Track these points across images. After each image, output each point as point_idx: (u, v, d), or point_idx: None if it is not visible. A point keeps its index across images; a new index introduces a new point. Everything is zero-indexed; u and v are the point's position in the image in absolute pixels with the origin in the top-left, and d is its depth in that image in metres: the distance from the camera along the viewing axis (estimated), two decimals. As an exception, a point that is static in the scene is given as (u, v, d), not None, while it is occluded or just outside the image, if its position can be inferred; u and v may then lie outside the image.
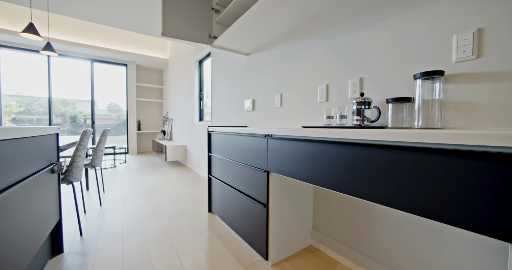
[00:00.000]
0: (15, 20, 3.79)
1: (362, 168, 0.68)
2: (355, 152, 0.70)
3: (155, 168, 3.77)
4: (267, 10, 1.30)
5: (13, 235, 0.76)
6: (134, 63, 5.31)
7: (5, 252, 0.71)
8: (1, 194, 0.69)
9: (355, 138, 0.69)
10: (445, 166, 0.50)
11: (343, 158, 0.74)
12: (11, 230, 0.75)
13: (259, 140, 1.20)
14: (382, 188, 0.63)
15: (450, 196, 0.50)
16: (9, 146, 0.76)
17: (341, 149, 0.75)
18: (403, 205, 0.58)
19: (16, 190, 0.79)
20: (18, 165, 0.82)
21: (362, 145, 0.68)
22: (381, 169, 0.63)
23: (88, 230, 1.58)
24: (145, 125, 5.73)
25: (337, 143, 0.77)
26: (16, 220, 0.78)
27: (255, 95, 2.02)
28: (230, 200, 1.56)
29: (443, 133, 0.49)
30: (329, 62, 1.30)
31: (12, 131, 0.75)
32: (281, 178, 1.23)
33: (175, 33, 1.67)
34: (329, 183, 0.80)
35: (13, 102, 4.50)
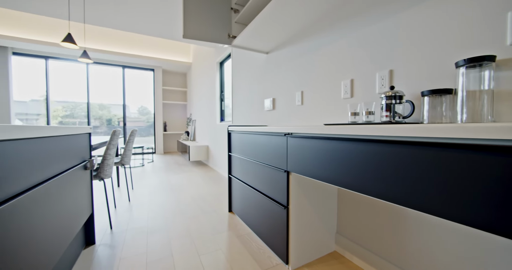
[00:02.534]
0: (60, 34, 4.25)
1: (394, 169, 0.61)
2: (386, 151, 0.63)
3: (179, 167, 3.92)
4: (285, 6, 1.26)
5: (49, 225, 0.82)
6: (160, 68, 5.61)
7: (42, 241, 0.76)
8: (39, 186, 0.75)
9: (387, 134, 0.62)
10: (505, 166, 0.42)
11: (372, 157, 0.67)
12: (48, 220, 0.81)
13: (279, 139, 1.16)
14: (419, 192, 0.55)
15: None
16: (47, 143, 0.82)
17: (368, 147, 0.68)
18: (447, 213, 0.50)
19: (53, 184, 0.86)
20: (55, 161, 0.89)
21: (395, 143, 0.61)
22: (419, 171, 0.55)
23: (118, 224, 1.68)
24: (170, 127, 6.01)
25: (364, 141, 0.70)
26: (52, 211, 0.85)
27: (275, 94, 1.98)
28: (249, 200, 1.54)
29: (505, 126, 0.41)
30: (353, 55, 1.21)
31: (49, 129, 0.82)
32: (302, 179, 1.17)
33: (196, 35, 1.70)
34: (355, 185, 0.73)
35: (59, 107, 5.04)
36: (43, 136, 0.78)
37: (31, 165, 0.72)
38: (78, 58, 2.31)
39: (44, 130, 0.78)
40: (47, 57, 4.59)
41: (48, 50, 4.35)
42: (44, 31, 4.14)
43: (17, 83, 4.40)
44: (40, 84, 4.66)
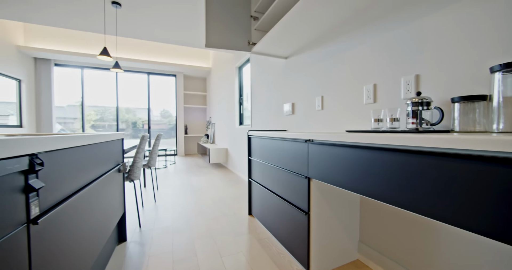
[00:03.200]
0: (94, 46, 4.64)
1: (422, 180, 0.59)
2: (412, 161, 0.62)
3: (199, 169, 4.05)
4: (305, 12, 1.28)
5: (92, 223, 0.91)
6: (182, 74, 5.86)
7: (87, 237, 0.86)
8: (85, 188, 0.85)
9: (413, 145, 0.61)
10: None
11: (397, 167, 0.66)
12: (91, 219, 0.90)
13: (299, 145, 1.17)
14: (450, 205, 0.53)
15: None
16: (90, 150, 0.92)
17: (393, 157, 0.67)
18: (484, 230, 0.48)
19: (94, 186, 0.96)
20: (96, 165, 0.99)
21: (422, 153, 0.60)
22: (450, 183, 0.54)
23: (145, 223, 1.79)
24: (191, 129, 6.24)
25: (389, 150, 0.69)
26: (93, 211, 0.94)
27: (294, 99, 1.99)
28: (269, 205, 1.56)
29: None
30: (376, 59, 1.19)
31: (94, 138, 0.91)
32: (323, 185, 1.17)
33: (217, 43, 1.78)
34: (378, 194, 0.72)
35: (92, 112, 5.49)
36: (89, 143, 0.88)
37: (79, 169, 0.82)
38: (111, 69, 2.54)
39: (90, 138, 0.88)
40: (83, 67, 5.04)
41: (84, 60, 4.77)
42: (80, 44, 4.56)
43: (57, 90, 4.88)
44: (76, 91, 5.12)
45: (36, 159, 0.54)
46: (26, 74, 4.33)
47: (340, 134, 0.87)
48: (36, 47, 4.23)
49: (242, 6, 1.88)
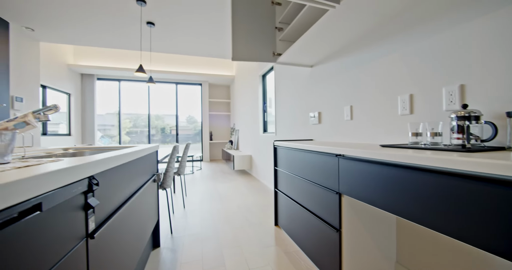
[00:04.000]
0: (129, 61, 5.09)
1: (473, 208, 0.54)
2: (461, 186, 0.57)
3: (224, 176, 4.14)
4: (334, 22, 1.26)
5: (133, 232, 0.99)
6: (207, 82, 6.12)
7: (129, 245, 0.93)
8: (128, 201, 0.92)
9: (465, 169, 0.56)
10: None
11: (441, 190, 0.61)
12: (133, 229, 0.98)
13: (329, 159, 1.14)
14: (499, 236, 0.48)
15: None
16: (133, 164, 1.01)
17: (438, 179, 0.62)
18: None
19: (136, 197, 1.04)
20: (136, 178, 1.07)
21: (475, 179, 0.54)
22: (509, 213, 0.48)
23: (176, 229, 1.88)
24: (215, 136, 6.44)
25: (432, 172, 0.64)
26: (135, 221, 1.02)
27: (320, 107, 1.95)
28: (297, 217, 1.53)
29: None
30: (412, 68, 1.12)
31: (135, 153, 1.00)
32: (356, 202, 1.12)
33: (244, 56, 1.83)
34: (417, 217, 0.67)
35: (127, 120, 5.98)
36: (133, 159, 0.96)
37: (124, 183, 0.89)
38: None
39: (134, 154, 0.96)
40: (120, 80, 5.54)
41: (121, 74, 5.25)
42: (118, 59, 5.04)
43: (98, 101, 5.42)
44: (113, 101, 5.64)
45: (93, 180, 0.61)
46: (74, 88, 4.89)
47: (375, 150, 0.83)
48: (82, 65, 4.77)
49: (267, 18, 1.91)
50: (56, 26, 2.55)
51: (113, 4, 2.13)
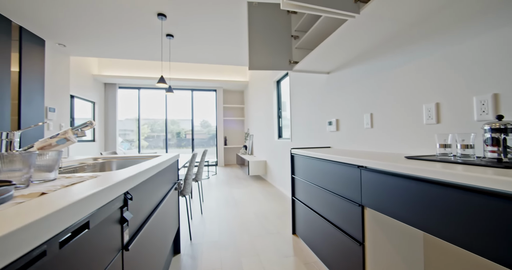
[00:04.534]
0: (149, 70, 5.34)
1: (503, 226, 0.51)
2: (499, 206, 0.53)
3: (239, 181, 4.17)
4: (353, 31, 1.25)
5: (159, 240, 1.03)
6: (221, 88, 6.24)
7: (155, 253, 0.97)
8: (155, 212, 0.96)
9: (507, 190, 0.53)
10: None
11: (476, 209, 0.58)
12: (158, 237, 1.02)
13: (351, 170, 1.12)
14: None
15: None
16: (158, 175, 1.05)
17: (472, 197, 0.59)
18: None
19: (161, 207, 1.08)
20: (161, 188, 1.12)
21: None
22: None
23: (195, 235, 1.92)
24: (230, 141, 6.51)
25: (464, 189, 0.61)
26: (160, 229, 1.06)
27: (338, 115, 1.92)
28: (316, 227, 1.50)
29: None
30: (439, 75, 1.08)
31: (161, 165, 1.04)
32: (380, 215, 1.08)
33: (260, 65, 1.86)
34: (447, 235, 0.64)
35: (145, 126, 6.24)
36: (159, 170, 1.01)
37: (151, 194, 0.94)
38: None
39: (160, 166, 1.00)
40: (139, 88, 5.81)
41: (140, 82, 5.51)
42: (138, 69, 5.30)
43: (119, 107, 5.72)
44: (133, 108, 5.91)
45: (127, 194, 0.65)
46: (98, 97, 5.20)
47: (399, 161, 0.81)
48: (106, 75, 5.07)
49: (283, 27, 1.93)
50: (85, 41, 2.75)
51: (136, 19, 2.26)
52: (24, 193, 0.45)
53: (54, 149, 0.80)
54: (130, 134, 6.16)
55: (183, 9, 2.11)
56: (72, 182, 0.56)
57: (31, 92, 2.46)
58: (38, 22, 2.27)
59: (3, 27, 2.12)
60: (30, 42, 2.45)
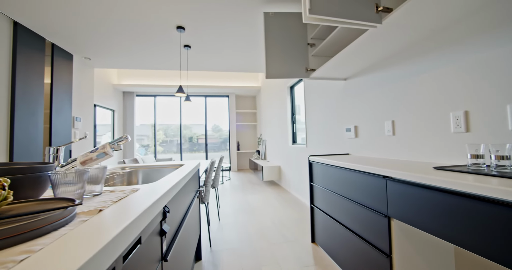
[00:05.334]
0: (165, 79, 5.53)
1: None
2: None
3: (253, 186, 4.18)
4: (374, 40, 1.25)
5: (186, 248, 1.06)
6: (234, 94, 6.34)
7: (183, 261, 1.00)
8: (184, 221, 1.00)
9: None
10: None
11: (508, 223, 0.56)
12: (186, 246, 1.05)
13: (375, 180, 1.10)
14: None
15: None
16: (187, 184, 1.09)
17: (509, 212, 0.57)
18: None
19: (188, 216, 1.12)
20: (187, 197, 1.16)
21: None
22: None
23: (214, 242, 1.94)
24: (242, 146, 6.56)
25: (502, 205, 0.59)
26: (188, 236, 1.10)
27: (356, 121, 1.90)
28: (337, 236, 1.48)
29: None
30: (467, 83, 1.05)
31: (188, 175, 1.08)
32: (408, 227, 1.05)
33: (277, 74, 1.88)
34: (483, 250, 0.62)
35: (160, 131, 6.43)
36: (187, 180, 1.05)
37: (180, 205, 0.97)
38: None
39: (188, 175, 1.04)
40: (155, 95, 6.03)
41: (156, 90, 5.72)
42: (155, 78, 5.51)
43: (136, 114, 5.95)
44: (149, 114, 6.13)
45: (166, 207, 0.69)
46: (117, 105, 5.44)
47: (428, 173, 0.79)
48: (125, 84, 5.30)
49: (299, 35, 1.96)
50: (108, 54, 2.92)
51: (157, 33, 2.37)
52: (84, 210, 0.49)
53: (95, 162, 0.86)
54: (145, 139, 6.37)
55: (201, 21, 2.20)
56: (119, 197, 0.60)
57: (61, 102, 2.63)
58: (68, 38, 2.43)
59: (38, 44, 2.30)
60: (60, 57, 2.63)
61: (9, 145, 2.00)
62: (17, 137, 2.03)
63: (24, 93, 2.13)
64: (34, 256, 0.30)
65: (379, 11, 1.08)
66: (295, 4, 2.07)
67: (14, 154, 1.99)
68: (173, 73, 5.59)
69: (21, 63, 2.11)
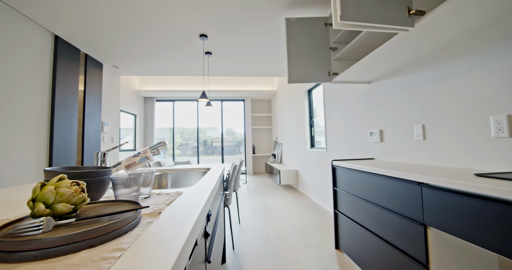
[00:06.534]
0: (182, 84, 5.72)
1: None
2: None
3: (270, 190, 4.17)
4: (405, 43, 1.23)
5: (219, 247, 1.09)
6: (249, 98, 6.41)
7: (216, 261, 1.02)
8: (218, 220, 1.03)
9: None
10: None
11: None
12: (219, 244, 1.08)
13: (409, 187, 1.07)
14: None
15: None
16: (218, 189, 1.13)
17: None
18: None
19: (219, 216, 1.15)
20: (218, 199, 1.19)
21: None
22: None
23: (237, 245, 1.96)
24: (257, 149, 6.59)
25: None
26: (219, 238, 1.12)
27: (381, 125, 1.85)
28: (364, 243, 1.45)
29: None
30: (508, 86, 1.00)
31: (220, 178, 1.12)
32: (446, 235, 1.01)
33: (299, 78, 1.90)
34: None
35: (177, 135, 6.62)
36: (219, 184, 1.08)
37: (214, 206, 1.00)
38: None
39: (219, 180, 1.08)
40: (174, 100, 6.24)
41: (175, 95, 5.92)
42: (174, 83, 5.73)
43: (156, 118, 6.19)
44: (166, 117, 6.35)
45: (209, 211, 0.72)
46: (139, 110, 5.70)
47: (469, 179, 0.76)
48: (146, 89, 5.55)
49: (321, 40, 1.96)
50: (133, 62, 3.09)
51: (180, 41, 2.48)
52: (145, 212, 0.53)
53: (137, 166, 0.92)
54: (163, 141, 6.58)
55: (223, 28, 2.27)
56: (169, 200, 0.64)
57: (92, 108, 2.81)
58: (99, 48, 2.61)
59: (74, 55, 2.49)
60: (92, 66, 2.82)
61: (48, 149, 2.17)
62: (55, 141, 2.20)
63: (62, 100, 2.31)
64: (126, 254, 0.33)
65: (411, 14, 1.07)
66: (317, 9, 2.08)
67: (53, 157, 2.15)
68: (192, 78, 5.77)
69: (60, 72, 2.29)
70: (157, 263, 0.30)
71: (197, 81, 5.79)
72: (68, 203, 0.41)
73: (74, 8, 1.90)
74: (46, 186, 0.41)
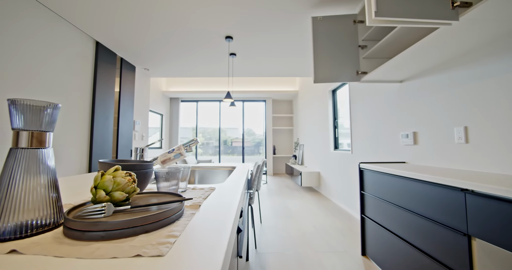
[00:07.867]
0: (206, 85, 5.91)
1: None
2: None
3: (291, 192, 4.13)
4: (446, 38, 1.14)
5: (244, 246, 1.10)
6: (270, 99, 6.41)
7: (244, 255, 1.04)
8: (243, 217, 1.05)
9: None
10: None
11: None
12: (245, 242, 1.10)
13: (450, 193, 0.99)
14: None
15: None
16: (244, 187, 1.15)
17: None
18: None
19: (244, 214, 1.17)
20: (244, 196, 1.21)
21: None
22: None
23: (259, 244, 1.97)
24: (278, 150, 6.55)
25: None
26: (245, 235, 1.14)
27: (415, 127, 1.74)
28: (395, 251, 1.36)
29: None
30: None
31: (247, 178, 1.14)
32: (494, 248, 0.92)
33: (326, 78, 1.85)
34: None
35: (200, 135, 6.84)
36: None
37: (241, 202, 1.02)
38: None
39: (246, 178, 1.09)
40: (197, 101, 6.47)
41: (199, 96, 6.14)
42: (197, 84, 5.94)
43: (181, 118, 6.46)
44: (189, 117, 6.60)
45: (242, 208, 0.73)
46: (165, 110, 6.00)
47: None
48: (172, 90, 5.83)
49: (349, 38, 1.90)
50: (162, 65, 3.26)
51: (207, 43, 2.57)
52: (187, 204, 0.56)
53: (172, 162, 0.97)
54: (184, 141, 6.86)
55: (249, 30, 2.30)
56: (205, 195, 0.67)
57: (126, 108, 3.03)
58: (132, 52, 2.81)
59: (111, 59, 2.70)
60: (126, 69, 3.04)
61: (89, 145, 2.38)
62: (95, 138, 2.41)
63: (101, 101, 2.52)
64: (179, 240, 0.35)
65: (455, 6, 0.99)
66: (345, 7, 2.02)
67: (93, 152, 2.36)
68: (214, 79, 5.93)
69: (100, 75, 2.50)
70: (210, 251, 0.32)
71: (219, 82, 5.94)
72: (123, 192, 0.45)
73: (112, 14, 2.07)
74: (105, 175, 0.46)
